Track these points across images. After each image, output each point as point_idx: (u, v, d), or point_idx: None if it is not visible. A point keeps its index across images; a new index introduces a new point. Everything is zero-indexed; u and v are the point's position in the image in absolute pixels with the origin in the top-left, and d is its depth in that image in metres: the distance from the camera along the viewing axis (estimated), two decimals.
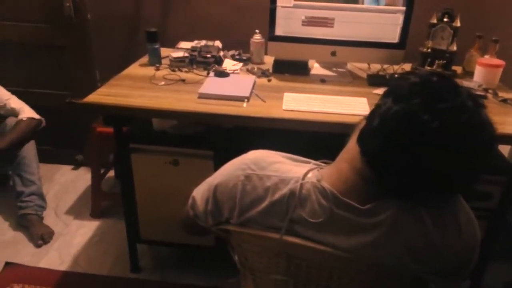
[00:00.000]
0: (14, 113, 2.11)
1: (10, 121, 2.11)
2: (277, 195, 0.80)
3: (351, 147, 0.80)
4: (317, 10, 1.66)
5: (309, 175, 0.81)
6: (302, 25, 1.69)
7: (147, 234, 1.80)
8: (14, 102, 2.13)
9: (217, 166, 1.56)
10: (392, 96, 0.73)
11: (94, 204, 2.21)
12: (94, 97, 1.50)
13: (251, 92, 1.57)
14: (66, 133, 2.50)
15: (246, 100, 1.51)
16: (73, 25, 2.20)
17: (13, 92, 2.18)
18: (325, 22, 1.67)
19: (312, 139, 1.38)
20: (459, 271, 0.80)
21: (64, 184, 2.45)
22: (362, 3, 1.63)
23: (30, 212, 2.07)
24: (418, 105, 0.68)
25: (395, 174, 0.73)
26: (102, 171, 2.27)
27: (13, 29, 2.26)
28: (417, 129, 0.68)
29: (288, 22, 1.69)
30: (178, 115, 1.47)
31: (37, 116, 2.11)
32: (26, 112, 2.10)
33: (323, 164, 0.86)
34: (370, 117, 0.76)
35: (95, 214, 2.21)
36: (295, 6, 1.66)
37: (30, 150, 2.11)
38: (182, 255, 1.98)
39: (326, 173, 0.80)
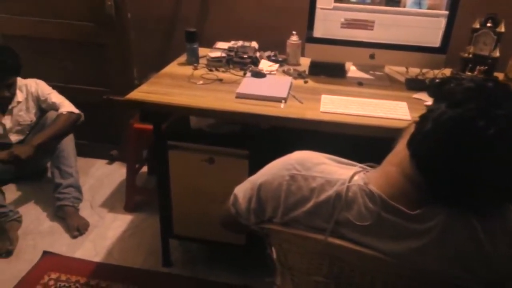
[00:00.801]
0: (54, 107, 2.20)
1: (51, 115, 2.19)
2: (322, 196, 0.81)
3: (400, 151, 0.79)
4: (357, 12, 1.65)
5: (355, 177, 0.81)
6: (341, 27, 1.68)
7: (180, 230, 1.83)
8: (55, 97, 2.22)
9: (252, 166, 1.61)
10: (446, 101, 0.72)
11: (128, 198, 2.26)
12: (136, 94, 1.54)
13: (288, 93, 1.58)
14: (102, 129, 2.57)
15: (283, 101, 1.51)
16: (113, 23, 2.27)
17: (54, 87, 2.27)
18: (365, 25, 1.66)
19: (348, 142, 1.37)
20: (506, 283, 0.79)
21: (99, 178, 2.52)
22: (404, 6, 1.61)
23: (67, 203, 2.14)
24: (473, 110, 0.68)
25: (446, 180, 0.72)
26: (136, 166, 2.32)
27: (56, 27, 2.35)
28: (472, 135, 0.67)
29: (327, 24, 1.69)
30: (216, 114, 1.49)
31: (76, 111, 2.19)
32: (66, 106, 2.18)
33: (368, 168, 0.86)
34: (421, 122, 0.75)
35: (129, 208, 2.26)
36: (335, 8, 1.66)
37: (69, 143, 2.19)
38: (212, 252, 2.01)
39: (373, 176, 0.80)
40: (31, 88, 2.19)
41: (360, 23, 1.66)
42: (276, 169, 0.89)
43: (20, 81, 2.14)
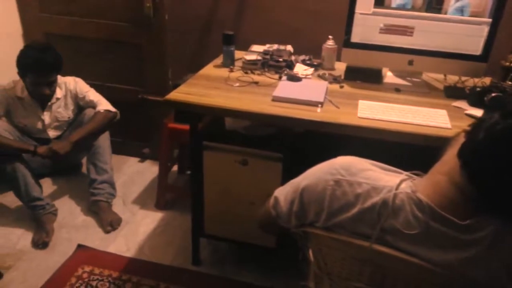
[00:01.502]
0: (92, 105, 2.26)
1: (89, 112, 2.25)
2: (368, 203, 0.81)
3: (449, 159, 0.78)
4: (397, 18, 1.63)
5: (402, 185, 0.80)
6: (380, 32, 1.67)
7: (210, 229, 1.86)
8: (93, 95, 2.28)
9: (285, 169, 1.61)
10: (499, 111, 0.71)
11: (159, 196, 2.30)
12: (175, 95, 1.57)
13: (325, 97, 1.58)
14: (135, 127, 2.63)
15: (320, 105, 1.52)
16: (151, 25, 2.32)
17: (92, 86, 2.34)
18: (404, 31, 1.64)
19: (384, 149, 1.36)
20: None
21: (131, 175, 2.58)
22: (445, 13, 1.59)
23: (101, 199, 2.19)
24: None
25: (497, 191, 0.71)
26: (168, 165, 2.36)
27: (95, 27, 2.42)
28: None
29: (365, 29, 1.68)
30: (253, 116, 1.50)
31: (113, 109, 2.25)
32: (103, 104, 2.24)
33: (414, 176, 0.85)
34: (473, 131, 0.74)
35: (159, 205, 2.30)
36: (374, 14, 1.65)
37: (104, 140, 2.24)
38: (241, 253, 2.02)
39: (420, 185, 0.80)
40: (70, 85, 2.26)
41: (400, 29, 1.65)
42: (320, 173, 0.89)
43: (59, 78, 2.21)
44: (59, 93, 2.23)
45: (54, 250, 1.99)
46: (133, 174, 2.59)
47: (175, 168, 2.57)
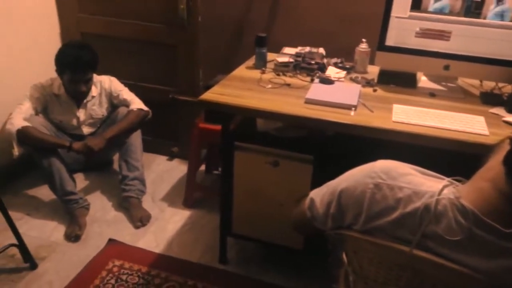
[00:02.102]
0: (125, 103, 2.32)
1: (122, 110, 2.31)
2: (409, 208, 0.80)
3: (493, 166, 0.77)
4: (434, 22, 1.61)
5: (445, 191, 0.80)
6: (415, 36, 1.66)
7: (239, 229, 1.87)
8: (127, 94, 2.34)
9: (316, 171, 1.62)
10: None
11: (188, 194, 2.34)
12: (209, 95, 1.60)
13: (358, 101, 1.57)
14: (165, 126, 2.68)
15: (353, 108, 1.51)
16: (184, 26, 2.36)
17: (125, 85, 2.40)
18: (441, 35, 1.62)
19: (417, 154, 1.34)
20: None
21: (160, 173, 2.63)
22: (485, 18, 1.56)
23: (132, 195, 2.24)
24: None
25: None
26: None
27: (130, 27, 2.48)
28: None
29: (401, 32, 1.66)
30: (286, 118, 1.51)
31: (145, 108, 2.30)
32: (136, 103, 2.29)
33: (456, 182, 0.84)
34: None
35: (187, 204, 2.34)
36: (410, 17, 1.64)
37: (136, 138, 2.30)
38: (268, 253, 2.03)
39: (464, 191, 0.79)
40: (104, 84, 2.33)
41: (436, 33, 1.63)
42: (359, 176, 0.90)
43: (95, 77, 2.28)
44: (94, 91, 2.29)
45: (86, 244, 2.05)
46: (162, 172, 2.64)
47: (202, 167, 2.60)
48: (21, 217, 2.18)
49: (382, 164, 0.88)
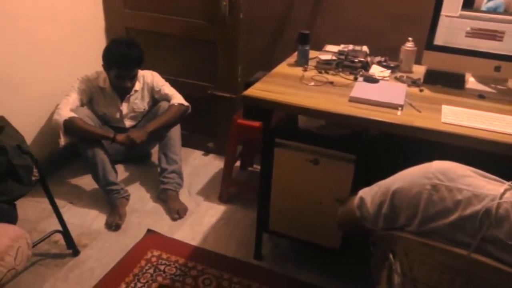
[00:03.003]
0: (167, 98, 2.37)
1: (163, 105, 2.36)
2: (468, 211, 0.78)
3: None
4: (486, 22, 1.56)
5: (507, 194, 0.77)
6: (466, 36, 1.61)
7: (275, 226, 1.88)
8: (168, 89, 2.39)
9: (358, 171, 1.60)
10: None
11: (223, 189, 2.36)
12: (253, 91, 1.61)
13: (404, 100, 1.54)
14: (201, 121, 2.72)
15: (400, 108, 1.49)
16: (225, 23, 2.37)
17: (166, 80, 2.44)
18: (494, 35, 1.57)
19: (465, 156, 1.31)
20: None
21: (196, 167, 2.67)
22: None
23: (170, 187, 2.29)
24: None
25: None
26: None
27: (173, 23, 2.52)
28: None
29: (451, 32, 1.62)
30: (330, 116, 1.50)
31: (185, 103, 2.34)
32: (177, 98, 2.34)
33: None
34: None
35: (223, 199, 2.37)
36: (461, 16, 1.59)
37: (176, 132, 2.34)
38: (303, 252, 2.03)
39: None
40: (147, 79, 2.38)
41: (488, 33, 1.57)
42: (414, 176, 0.88)
43: (138, 72, 2.33)
44: (137, 85, 2.35)
45: (125, 233, 2.11)
46: (198, 167, 2.68)
47: (237, 163, 2.62)
48: (64, 205, 2.26)
49: (439, 165, 0.86)
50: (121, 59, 2.13)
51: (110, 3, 2.60)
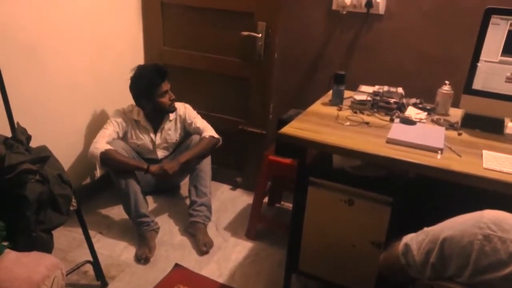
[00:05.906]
0: (198, 131, 2.41)
1: (195, 138, 2.41)
2: None
3: None
4: None
5: None
6: (506, 81, 1.60)
7: (305, 266, 1.84)
8: (200, 122, 2.44)
9: (394, 214, 1.56)
10: None
11: (251, 226, 2.34)
12: (289, 129, 1.62)
13: (444, 144, 1.52)
14: (231, 156, 2.74)
15: (439, 151, 1.46)
16: (260, 61, 2.44)
17: (199, 113, 2.50)
18: None
19: (505, 203, 1.27)
20: None
21: (223, 202, 2.67)
22: None
23: (199, 220, 2.29)
24: None
25: None
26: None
27: (209, 61, 2.61)
28: None
29: (490, 77, 1.61)
30: (367, 157, 1.49)
31: (216, 135, 2.38)
32: (208, 130, 2.38)
33: None
34: None
35: (250, 235, 2.34)
36: (501, 62, 1.58)
37: (206, 165, 2.36)
38: None
39: None
40: (179, 111, 2.44)
41: None
42: (465, 225, 0.86)
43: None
44: (171, 116, 2.41)
45: (153, 266, 2.10)
46: (226, 201, 2.68)
47: (264, 199, 2.60)
48: (93, 235, 2.26)
49: (491, 215, 0.84)
50: (154, 73, 2.25)
51: (151, 41, 2.72)
